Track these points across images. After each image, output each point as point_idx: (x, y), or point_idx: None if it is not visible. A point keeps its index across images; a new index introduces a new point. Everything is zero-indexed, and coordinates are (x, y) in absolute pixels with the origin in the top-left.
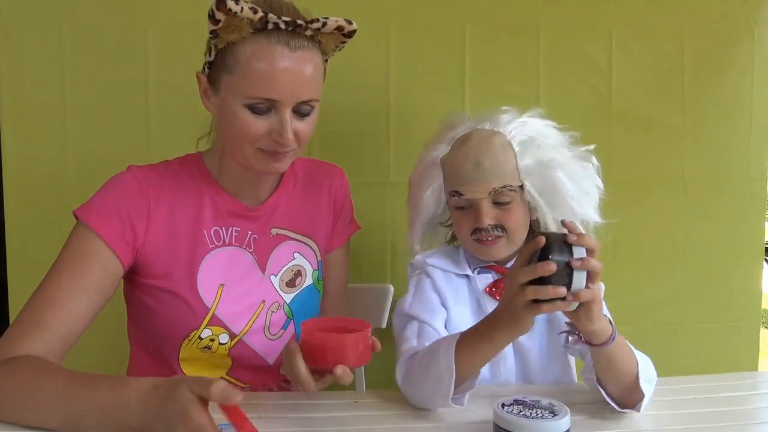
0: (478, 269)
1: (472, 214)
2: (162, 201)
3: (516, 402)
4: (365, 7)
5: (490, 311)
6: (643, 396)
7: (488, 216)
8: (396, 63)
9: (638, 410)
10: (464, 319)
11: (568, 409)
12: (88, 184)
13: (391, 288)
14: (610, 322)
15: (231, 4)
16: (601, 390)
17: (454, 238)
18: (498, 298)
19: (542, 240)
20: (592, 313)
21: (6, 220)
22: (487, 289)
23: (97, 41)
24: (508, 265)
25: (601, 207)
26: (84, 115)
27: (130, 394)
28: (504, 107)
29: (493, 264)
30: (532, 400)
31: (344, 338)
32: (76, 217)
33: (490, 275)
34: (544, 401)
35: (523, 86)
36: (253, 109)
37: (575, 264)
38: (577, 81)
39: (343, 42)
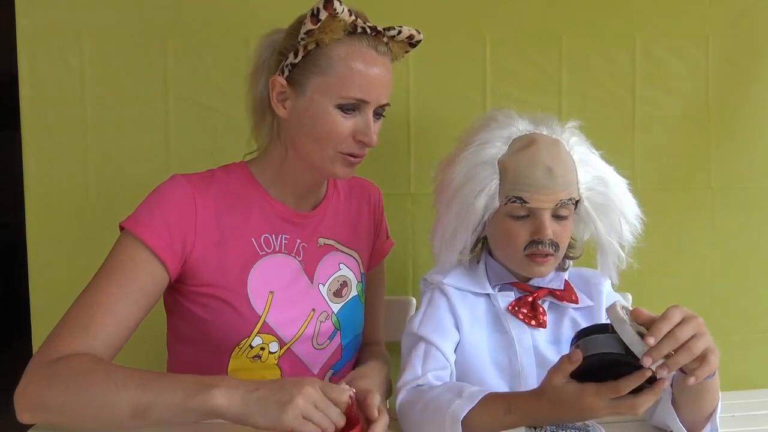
0: (500, 286)
1: (530, 225)
2: (209, 208)
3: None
4: (384, 16)
5: (511, 330)
6: (716, 429)
7: (550, 229)
8: (416, 73)
9: None
10: (480, 341)
11: (602, 429)
12: (108, 199)
13: (413, 300)
14: None
15: (336, 5)
16: (675, 415)
17: (473, 248)
18: (520, 317)
19: (648, 371)
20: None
21: (27, 235)
22: (509, 308)
23: (116, 57)
24: (531, 282)
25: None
26: (104, 130)
27: (224, 377)
28: (543, 114)
29: (516, 281)
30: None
31: None
32: (122, 229)
33: (512, 293)
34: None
35: (545, 95)
36: (343, 108)
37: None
38: (600, 89)
39: (407, 51)
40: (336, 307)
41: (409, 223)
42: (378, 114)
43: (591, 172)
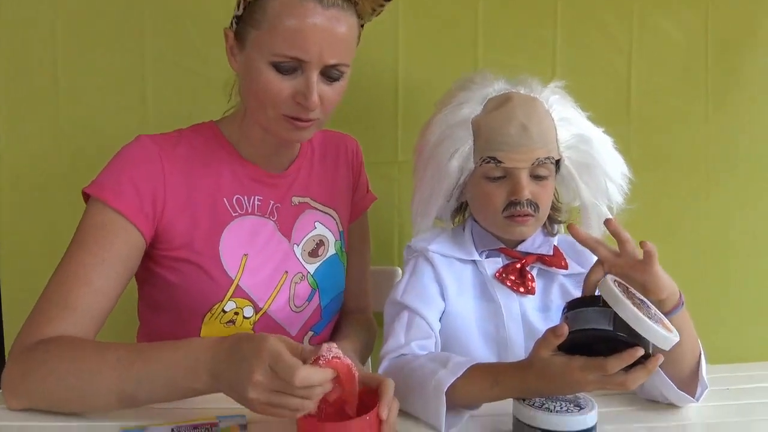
0: (487, 253)
1: (507, 186)
2: (177, 168)
3: None
4: None
5: (498, 298)
6: (704, 387)
7: (527, 189)
8: (405, 37)
9: (697, 400)
10: (467, 309)
11: (594, 402)
12: (82, 167)
13: (399, 271)
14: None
15: None
16: (661, 372)
17: (455, 214)
18: (508, 284)
19: (639, 350)
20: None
21: None
22: (497, 275)
23: (91, 16)
24: (519, 248)
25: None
26: (77, 95)
27: (195, 351)
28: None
29: (504, 247)
30: None
31: (349, 426)
32: (87, 196)
33: (499, 259)
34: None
35: (538, 64)
36: (279, 67)
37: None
38: (596, 59)
39: (381, 6)
40: (312, 268)
41: (395, 191)
42: (329, 76)
43: (572, 130)
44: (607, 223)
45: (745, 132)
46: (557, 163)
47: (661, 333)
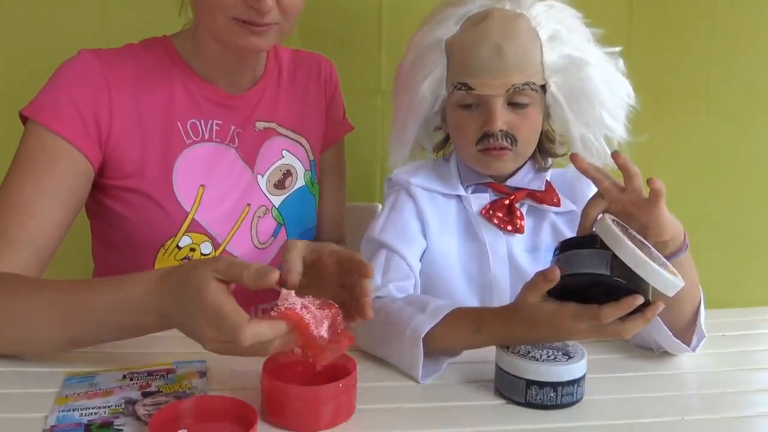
0: (473, 187)
1: (480, 116)
2: (124, 86)
3: None
4: None
5: (483, 237)
6: (702, 336)
7: (501, 119)
8: None
9: (694, 350)
10: (450, 248)
11: (584, 350)
12: (34, 88)
13: (380, 207)
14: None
15: None
16: (658, 319)
17: (442, 145)
18: (495, 222)
19: (639, 299)
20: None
21: None
22: (483, 212)
23: None
24: (508, 182)
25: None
26: (33, 3)
27: (138, 292)
28: None
29: (491, 181)
30: None
31: (317, 392)
32: (24, 119)
33: (486, 194)
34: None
35: None
36: None
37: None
38: None
39: None
40: (277, 200)
41: (378, 122)
42: None
43: (562, 51)
44: (614, 155)
45: (750, 54)
46: (544, 89)
47: (666, 277)
